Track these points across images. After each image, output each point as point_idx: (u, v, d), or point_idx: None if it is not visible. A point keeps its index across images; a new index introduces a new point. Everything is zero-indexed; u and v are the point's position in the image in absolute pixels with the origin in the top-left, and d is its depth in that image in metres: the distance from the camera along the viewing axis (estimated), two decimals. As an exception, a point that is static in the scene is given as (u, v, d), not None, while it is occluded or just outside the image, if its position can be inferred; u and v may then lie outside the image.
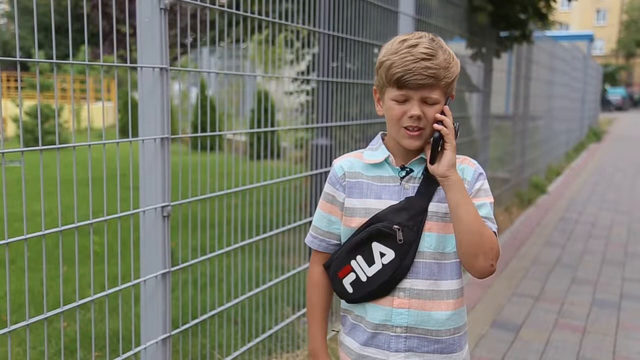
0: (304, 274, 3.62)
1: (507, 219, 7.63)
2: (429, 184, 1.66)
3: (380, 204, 1.67)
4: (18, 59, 1.83)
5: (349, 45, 3.74)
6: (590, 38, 24.41)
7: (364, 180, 1.71)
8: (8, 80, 22.20)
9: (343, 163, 1.75)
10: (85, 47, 2.15)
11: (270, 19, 3.03)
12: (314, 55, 4.65)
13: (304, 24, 3.48)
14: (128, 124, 2.37)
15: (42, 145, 1.92)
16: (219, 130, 2.91)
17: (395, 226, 1.64)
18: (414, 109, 1.59)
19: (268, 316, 3.42)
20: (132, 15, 2.28)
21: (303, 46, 4.59)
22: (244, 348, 3.08)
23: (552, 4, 7.17)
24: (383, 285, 1.66)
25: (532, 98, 10.33)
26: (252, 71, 5.49)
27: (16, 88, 21.70)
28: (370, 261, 1.68)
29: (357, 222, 1.69)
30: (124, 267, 2.41)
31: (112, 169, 2.17)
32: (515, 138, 9.29)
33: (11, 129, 17.43)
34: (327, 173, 3.70)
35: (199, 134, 2.72)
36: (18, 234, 1.90)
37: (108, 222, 2.19)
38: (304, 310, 3.59)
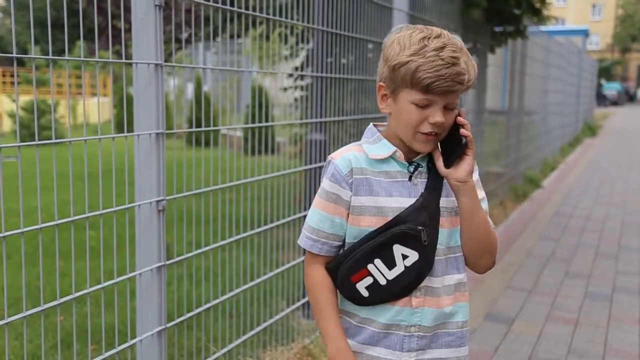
0: (298, 267, 3.65)
1: (502, 213, 7.67)
2: (436, 179, 1.62)
3: (392, 202, 1.60)
4: (14, 55, 1.85)
5: (344, 41, 3.77)
6: (585, 33, 24.46)
7: (371, 177, 1.62)
8: (4, 76, 22.16)
9: (348, 158, 1.63)
10: (81, 43, 2.18)
11: (264, 15, 3.05)
12: (308, 50, 4.67)
13: (298, 19, 3.50)
14: (124, 120, 2.39)
15: (38, 140, 1.95)
16: (215, 126, 2.94)
17: (420, 227, 1.58)
18: (438, 116, 1.52)
19: (263, 309, 3.46)
20: (128, 10, 2.31)
21: (297, 42, 4.62)
22: (239, 341, 3.11)
23: (546, -1, 7.20)
24: (405, 288, 1.62)
25: (527, 93, 10.36)
26: (247, 67, 5.51)
27: (12, 83, 21.67)
28: (391, 264, 1.60)
29: (368, 221, 1.61)
30: (120, 262, 2.44)
31: (108, 164, 2.20)
32: (510, 133, 9.33)
33: (7, 125, 17.42)
34: (321, 168, 3.73)
35: (194, 129, 2.75)
36: (15, 228, 1.93)
37: (104, 217, 2.21)
38: (298, 304, 3.62)
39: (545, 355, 3.79)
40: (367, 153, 1.63)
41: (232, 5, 2.78)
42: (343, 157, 1.64)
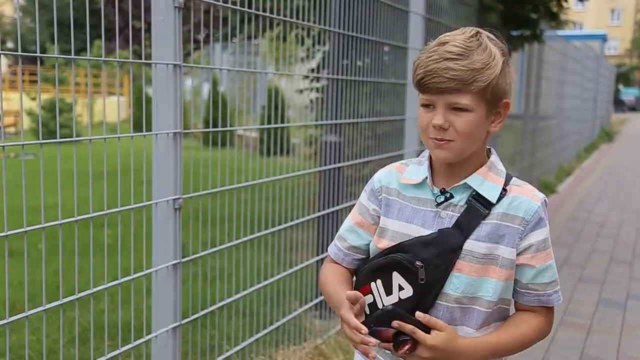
0: (312, 268, 3.68)
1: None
2: (471, 217, 1.42)
3: (409, 229, 1.47)
4: (38, 54, 1.89)
5: (360, 44, 3.79)
6: (603, 38, 24.32)
7: (398, 200, 1.52)
8: (23, 74, 22.36)
9: (383, 175, 1.57)
10: (102, 42, 2.21)
11: (281, 17, 3.08)
12: (324, 52, 4.70)
13: (315, 21, 3.53)
14: (142, 119, 2.43)
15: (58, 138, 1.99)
16: (230, 126, 2.98)
17: (418, 262, 1.42)
18: (436, 118, 1.38)
19: (276, 309, 3.49)
20: (147, 11, 2.34)
21: (314, 44, 4.65)
22: (251, 339, 3.14)
23: (564, 3, 7.18)
24: None
25: (543, 97, 10.33)
26: (263, 68, 5.55)
27: (31, 82, 21.89)
28: (388, 290, 1.47)
29: (384, 244, 1.51)
30: (136, 260, 2.48)
31: (126, 163, 2.24)
32: (525, 137, 9.31)
33: (26, 123, 17.61)
34: (335, 169, 3.76)
35: (211, 129, 2.78)
36: (34, 224, 1.97)
37: (122, 215, 2.25)
38: (311, 304, 3.65)
39: (557, 360, 3.79)
40: (403, 174, 1.54)
41: (249, 7, 2.81)
42: (382, 172, 1.59)
